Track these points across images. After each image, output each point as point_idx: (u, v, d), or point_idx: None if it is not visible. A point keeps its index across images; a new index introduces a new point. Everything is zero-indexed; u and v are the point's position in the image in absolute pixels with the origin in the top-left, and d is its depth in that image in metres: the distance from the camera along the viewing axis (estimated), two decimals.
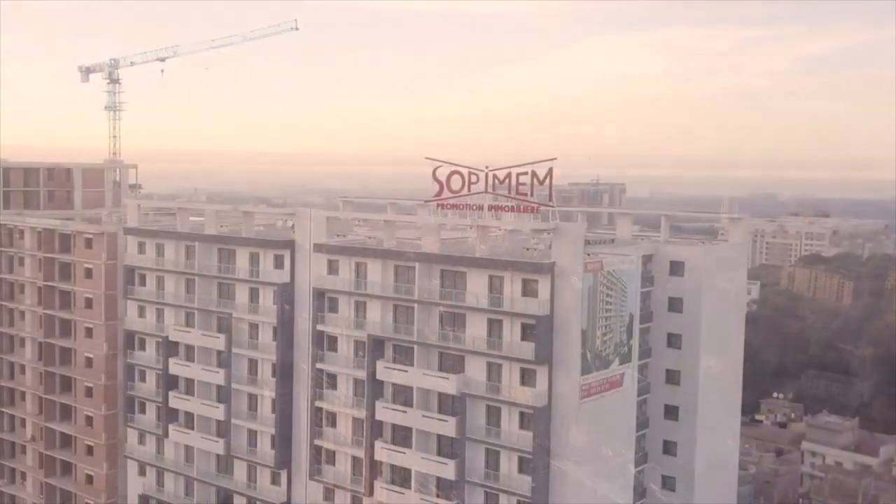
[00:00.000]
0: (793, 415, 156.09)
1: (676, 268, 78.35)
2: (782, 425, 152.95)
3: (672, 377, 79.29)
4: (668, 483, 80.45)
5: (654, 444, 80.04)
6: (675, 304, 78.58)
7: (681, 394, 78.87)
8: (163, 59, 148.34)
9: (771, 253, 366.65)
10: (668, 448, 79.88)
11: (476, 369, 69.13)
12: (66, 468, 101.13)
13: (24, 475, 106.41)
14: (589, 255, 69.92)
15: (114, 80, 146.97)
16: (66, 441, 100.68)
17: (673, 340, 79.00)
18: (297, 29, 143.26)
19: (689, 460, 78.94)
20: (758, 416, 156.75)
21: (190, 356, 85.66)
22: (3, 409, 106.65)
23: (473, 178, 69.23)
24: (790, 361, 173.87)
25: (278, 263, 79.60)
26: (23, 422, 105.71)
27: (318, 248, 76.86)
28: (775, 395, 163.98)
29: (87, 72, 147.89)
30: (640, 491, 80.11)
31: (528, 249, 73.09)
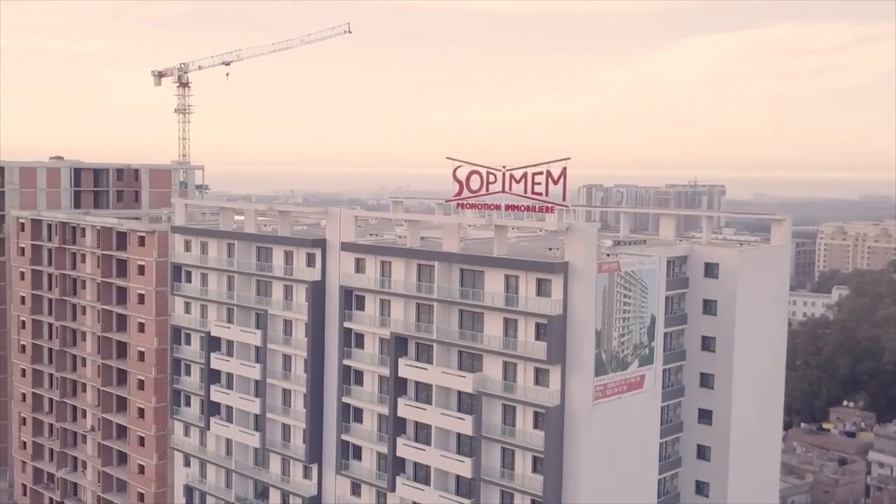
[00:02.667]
0: (863, 424, 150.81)
1: (711, 269, 77.25)
2: (850, 434, 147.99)
3: (706, 380, 78.16)
4: (702, 488, 79.23)
5: (688, 447, 78.99)
6: (709, 307, 77.45)
7: (715, 397, 77.59)
8: (227, 63, 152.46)
9: (873, 257, 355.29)
10: (702, 452, 78.74)
11: (493, 368, 69.30)
12: (122, 458, 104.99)
13: (84, 464, 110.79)
14: (608, 255, 69.51)
15: (183, 84, 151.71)
16: (122, 432, 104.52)
17: (707, 343, 77.89)
18: (350, 32, 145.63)
19: (724, 465, 77.55)
20: (825, 425, 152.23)
21: (230, 351, 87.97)
22: (66, 400, 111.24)
23: (491, 179, 69.53)
24: (863, 369, 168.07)
25: (310, 262, 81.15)
26: (83, 412, 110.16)
27: (347, 246, 78.15)
28: (846, 403, 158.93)
29: (159, 76, 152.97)
30: (673, 495, 79.16)
31: (550, 250, 72.77)
